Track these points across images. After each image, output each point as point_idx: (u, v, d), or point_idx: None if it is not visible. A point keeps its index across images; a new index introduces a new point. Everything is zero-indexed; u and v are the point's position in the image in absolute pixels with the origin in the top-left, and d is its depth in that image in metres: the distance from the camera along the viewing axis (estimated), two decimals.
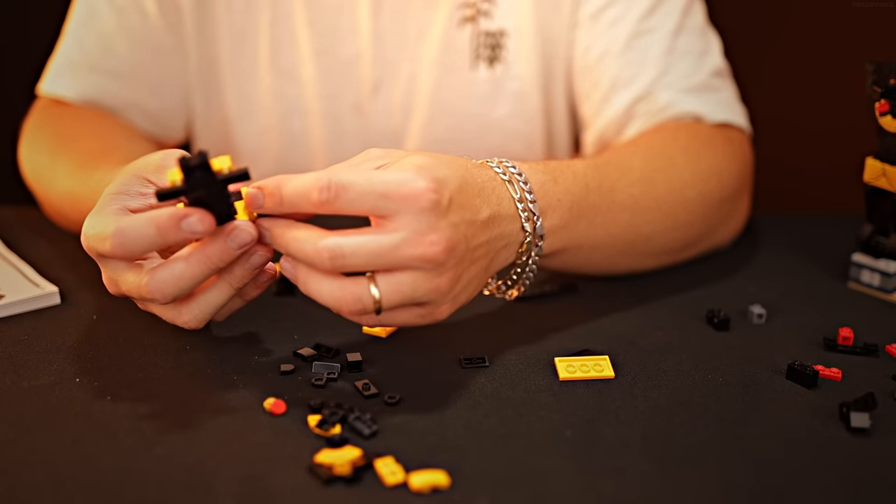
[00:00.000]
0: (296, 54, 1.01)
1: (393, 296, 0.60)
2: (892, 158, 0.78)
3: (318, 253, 0.59)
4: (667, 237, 0.82)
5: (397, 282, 0.60)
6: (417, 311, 0.62)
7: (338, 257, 0.59)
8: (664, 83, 0.93)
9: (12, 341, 0.70)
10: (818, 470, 0.58)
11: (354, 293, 0.60)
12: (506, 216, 0.66)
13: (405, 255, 0.59)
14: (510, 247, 0.67)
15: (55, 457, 0.58)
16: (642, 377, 0.67)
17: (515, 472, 0.57)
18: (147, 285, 0.62)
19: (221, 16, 1.01)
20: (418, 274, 0.60)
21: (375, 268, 0.60)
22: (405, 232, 0.59)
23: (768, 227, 0.94)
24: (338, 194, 0.59)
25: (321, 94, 1.03)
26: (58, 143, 0.91)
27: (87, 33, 0.99)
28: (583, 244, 0.75)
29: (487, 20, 0.99)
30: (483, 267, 0.65)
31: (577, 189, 0.73)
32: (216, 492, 0.55)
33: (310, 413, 0.62)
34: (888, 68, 0.78)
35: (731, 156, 0.89)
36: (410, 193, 0.59)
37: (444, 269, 0.61)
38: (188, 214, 0.60)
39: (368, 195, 0.59)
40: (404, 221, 0.59)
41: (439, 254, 0.60)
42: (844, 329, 0.72)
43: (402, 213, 0.59)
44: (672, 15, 0.95)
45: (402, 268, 0.60)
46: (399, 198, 0.59)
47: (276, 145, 1.06)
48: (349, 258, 0.59)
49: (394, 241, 0.59)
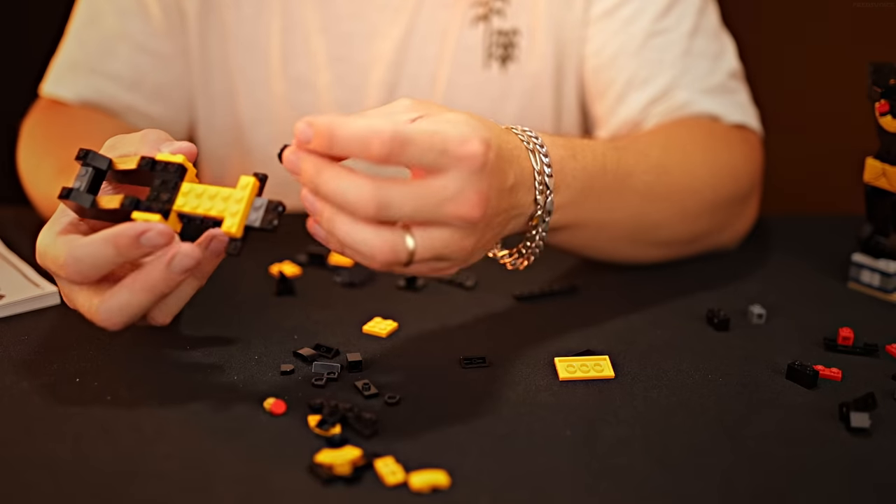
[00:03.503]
0: (310, 62, 1.00)
1: (426, 250, 0.60)
2: (892, 158, 0.78)
3: (364, 199, 0.58)
4: (674, 228, 0.82)
5: (432, 237, 0.60)
6: (434, 265, 0.62)
7: (384, 206, 0.58)
8: (682, 84, 0.93)
9: (12, 341, 0.70)
10: (818, 470, 0.58)
11: (391, 242, 0.59)
12: (524, 186, 0.66)
13: (448, 212, 0.59)
14: (521, 217, 0.67)
15: (55, 457, 0.58)
16: (642, 377, 0.67)
17: (515, 472, 0.57)
18: (97, 314, 0.62)
19: (230, 24, 1.00)
20: (453, 231, 0.60)
21: (417, 220, 0.59)
22: (454, 189, 0.59)
23: (769, 227, 0.94)
24: (403, 147, 0.58)
25: (336, 101, 1.01)
26: (46, 146, 0.90)
27: (89, 36, 0.98)
28: (590, 223, 0.75)
29: (500, 19, 0.98)
30: (497, 233, 0.65)
31: (594, 168, 0.73)
32: (216, 492, 0.55)
33: (310, 413, 0.62)
34: (888, 68, 0.78)
35: (746, 157, 0.90)
36: (467, 154, 0.59)
37: (475, 231, 0.61)
38: (146, 229, 0.60)
39: (430, 151, 0.58)
40: (455, 179, 0.59)
41: (478, 216, 0.60)
42: (844, 329, 0.72)
43: (453, 171, 0.59)
44: (688, 16, 0.95)
45: (440, 223, 0.60)
46: (456, 156, 0.59)
47: None
48: (395, 208, 0.58)
49: (442, 196, 0.59)
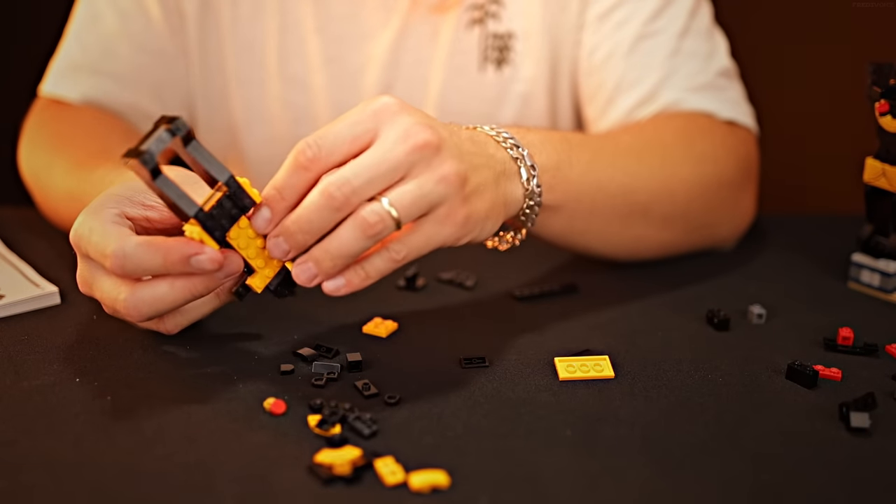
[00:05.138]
0: (305, 62, 1.01)
1: (403, 199, 0.61)
2: (892, 158, 0.78)
3: (326, 192, 0.60)
4: (665, 208, 0.83)
5: (402, 189, 0.61)
6: (435, 216, 0.63)
7: (344, 184, 0.60)
8: (669, 84, 0.93)
9: (12, 341, 0.70)
10: (818, 470, 0.58)
11: (369, 213, 0.60)
12: (485, 142, 0.68)
13: (401, 151, 0.61)
14: (510, 176, 0.68)
15: (55, 457, 0.58)
16: (642, 377, 0.67)
17: (515, 472, 0.57)
18: (124, 301, 0.62)
19: (227, 24, 1.00)
20: (419, 169, 0.61)
21: (380, 184, 0.61)
22: (391, 135, 0.61)
23: (768, 227, 0.94)
24: (319, 145, 0.61)
25: (331, 102, 1.02)
26: (56, 143, 0.91)
27: (89, 35, 0.99)
28: (581, 197, 0.75)
29: (496, 22, 0.98)
30: (489, 179, 0.66)
31: (560, 142, 0.75)
32: (216, 492, 0.55)
33: (310, 413, 0.62)
34: (888, 68, 0.77)
35: (729, 146, 0.89)
36: (378, 107, 0.62)
37: (441, 156, 0.62)
38: (199, 252, 0.60)
39: (344, 130, 0.61)
40: (386, 128, 0.61)
41: (432, 138, 0.61)
42: (844, 329, 0.72)
43: (380, 126, 0.61)
44: (679, 17, 0.95)
45: (404, 171, 0.61)
46: (369, 116, 0.61)
47: (285, 153, 1.05)
48: (354, 180, 0.60)
49: (386, 145, 0.61)
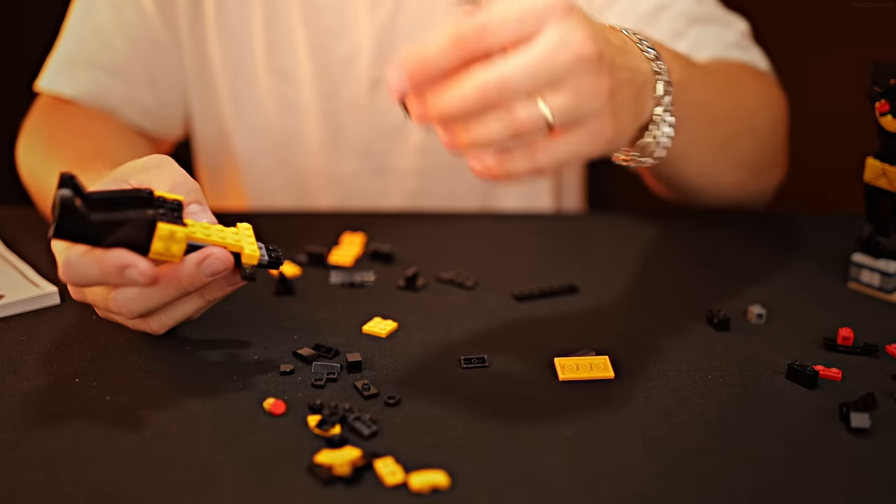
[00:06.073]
0: (292, 53, 1.01)
1: (560, 101, 0.59)
2: (892, 158, 0.78)
3: (484, 87, 0.58)
4: (746, 142, 0.89)
5: (561, 93, 0.59)
6: (585, 128, 0.61)
7: (503, 82, 0.58)
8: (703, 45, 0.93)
9: (12, 341, 0.70)
10: (818, 470, 0.58)
11: (525, 114, 0.59)
12: (632, 51, 0.66)
13: (564, 59, 0.59)
14: (646, 89, 0.67)
15: (55, 457, 0.58)
16: (642, 377, 0.67)
17: (515, 472, 0.57)
18: (114, 300, 0.64)
19: (212, 15, 1.01)
20: (579, 80, 0.60)
21: (538, 87, 0.59)
22: (556, 37, 0.58)
23: (769, 226, 0.94)
24: (485, 26, 0.58)
25: (318, 93, 1.02)
26: (53, 144, 0.91)
27: (84, 30, 1.00)
28: (696, 118, 0.78)
29: None
30: (631, 94, 0.65)
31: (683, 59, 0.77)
32: (216, 492, 0.55)
33: (310, 413, 0.62)
34: (888, 68, 0.77)
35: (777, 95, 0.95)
36: (547, 5, 0.59)
37: (601, 70, 0.60)
38: (132, 265, 0.60)
39: (511, 20, 0.58)
40: (552, 30, 0.59)
41: (594, 51, 0.59)
42: (844, 329, 0.72)
43: (546, 25, 0.59)
44: None
45: (562, 79, 0.59)
46: (538, 13, 0.59)
47: (273, 144, 1.06)
48: (513, 79, 0.58)
49: (550, 47, 0.58)
